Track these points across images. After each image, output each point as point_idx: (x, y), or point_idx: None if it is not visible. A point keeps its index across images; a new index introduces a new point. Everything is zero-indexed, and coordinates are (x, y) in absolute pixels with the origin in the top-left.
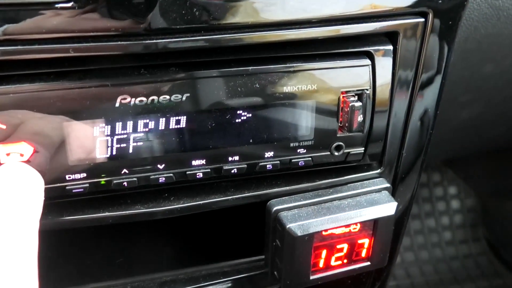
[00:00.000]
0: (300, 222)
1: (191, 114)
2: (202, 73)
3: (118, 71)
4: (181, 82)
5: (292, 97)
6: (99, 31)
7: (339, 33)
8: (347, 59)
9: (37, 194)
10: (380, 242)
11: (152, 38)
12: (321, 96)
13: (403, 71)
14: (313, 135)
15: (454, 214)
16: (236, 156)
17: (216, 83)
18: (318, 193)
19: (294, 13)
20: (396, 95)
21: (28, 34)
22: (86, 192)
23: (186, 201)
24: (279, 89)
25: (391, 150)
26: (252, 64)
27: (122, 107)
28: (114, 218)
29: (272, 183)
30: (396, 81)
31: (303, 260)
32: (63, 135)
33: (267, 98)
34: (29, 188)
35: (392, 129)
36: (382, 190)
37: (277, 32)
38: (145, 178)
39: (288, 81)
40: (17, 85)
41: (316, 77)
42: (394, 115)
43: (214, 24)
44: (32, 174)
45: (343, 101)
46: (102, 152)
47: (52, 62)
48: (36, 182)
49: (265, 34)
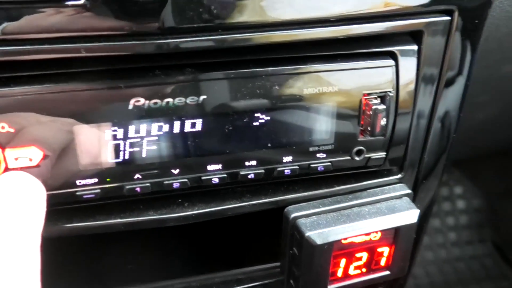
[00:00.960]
0: (319, 230)
1: (207, 117)
2: (219, 74)
3: (131, 72)
4: (197, 84)
5: (312, 100)
6: (111, 30)
7: (362, 33)
8: (370, 60)
9: (39, 205)
10: (400, 250)
11: (167, 38)
12: (342, 99)
13: (427, 72)
14: (333, 139)
15: (460, 214)
16: (254, 161)
17: (234, 85)
18: (337, 199)
19: (314, 11)
20: (419, 96)
21: (38, 33)
22: (97, 198)
23: (201, 207)
24: (298, 91)
25: (412, 154)
26: (270, 65)
27: (135, 109)
28: (126, 225)
29: (289, 188)
30: (420, 82)
31: (322, 269)
32: (73, 138)
33: (286, 100)
34: (30, 199)
35: (414, 132)
36: (403, 197)
37: (297, 31)
38: (158, 183)
39: (308, 82)
40: (26, 86)
41: (337, 79)
42: (417, 118)
43: (232, 23)
44: (34, 184)
45: (365, 103)
46: (114, 157)
47: (62, 63)
48: (38, 192)
49: (285, 34)
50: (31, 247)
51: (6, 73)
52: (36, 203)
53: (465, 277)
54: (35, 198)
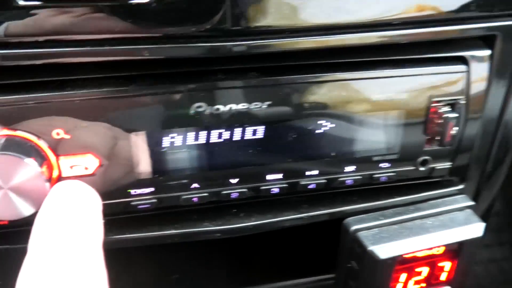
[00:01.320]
0: (382, 243)
1: (270, 124)
2: (285, 79)
3: (193, 76)
4: (262, 89)
5: (379, 107)
6: (176, 31)
7: (432, 36)
8: (441, 65)
9: (97, 217)
10: (463, 265)
11: (231, 40)
12: (410, 105)
13: (498, 78)
14: (398, 148)
15: None
16: (315, 170)
17: (299, 90)
18: (398, 211)
19: (383, 14)
20: (488, 103)
21: (98, 34)
22: (152, 208)
23: (258, 219)
24: (366, 97)
25: (476, 165)
26: (338, 70)
27: (196, 115)
28: (181, 236)
29: (347, 199)
30: (490, 88)
31: (381, 284)
32: (130, 146)
33: (352, 107)
34: (88, 210)
35: (480, 141)
36: (466, 209)
37: (366, 34)
38: (216, 193)
39: (376, 89)
40: (84, 90)
41: (406, 85)
42: (484, 127)
43: (299, 27)
44: (90, 194)
45: (434, 111)
46: (172, 165)
47: (122, 66)
48: (95, 203)
49: (356, 37)
50: (96, 262)
51: (63, 76)
52: (94, 214)
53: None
54: (93, 209)
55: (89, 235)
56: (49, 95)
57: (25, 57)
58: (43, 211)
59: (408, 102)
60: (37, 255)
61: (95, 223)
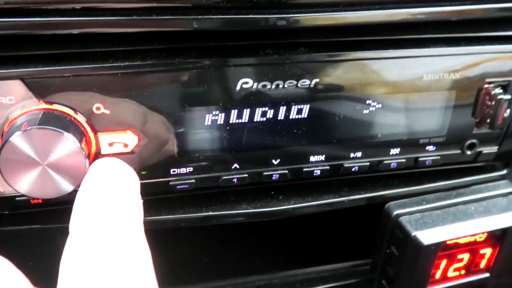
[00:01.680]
0: (426, 229)
1: (317, 103)
2: (335, 55)
3: (241, 50)
4: (311, 65)
5: (429, 87)
6: (224, 2)
7: (487, 14)
8: (495, 44)
9: (137, 196)
10: (504, 252)
11: (281, 12)
12: (462, 86)
13: None
14: (446, 130)
15: None
16: (359, 153)
17: (349, 68)
18: (440, 196)
19: None
20: None
21: (144, 3)
22: (190, 189)
23: (298, 202)
24: (416, 76)
25: None
26: (389, 47)
27: (242, 92)
28: (219, 218)
29: (389, 183)
30: None
31: (423, 271)
32: (171, 123)
33: (402, 86)
34: (128, 189)
35: None
36: (509, 194)
37: (421, 9)
38: (257, 174)
39: (428, 67)
40: (127, 62)
41: (459, 64)
42: None
43: None
44: (129, 173)
45: (486, 92)
46: (213, 144)
47: (165, 37)
48: (134, 182)
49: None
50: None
51: (104, 47)
52: (134, 193)
53: None
54: (133, 188)
55: (131, 215)
56: (88, 67)
57: (62, 26)
58: (83, 190)
59: (459, 82)
60: (80, 236)
61: (135, 202)
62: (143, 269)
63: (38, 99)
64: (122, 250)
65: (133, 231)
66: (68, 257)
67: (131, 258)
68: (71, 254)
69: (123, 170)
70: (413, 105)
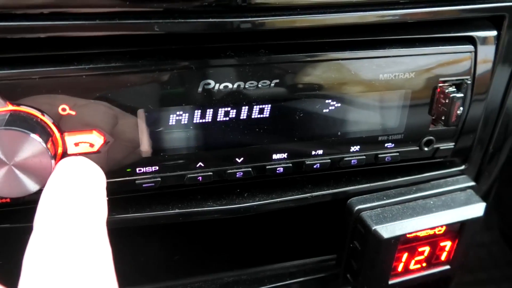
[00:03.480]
0: (386, 223)
1: (277, 103)
2: (294, 57)
3: (203, 53)
4: (270, 66)
5: (386, 86)
6: (186, 6)
7: (440, 16)
8: (449, 45)
9: (102, 194)
10: (463, 244)
11: (241, 16)
12: (417, 86)
13: (504, 59)
14: (403, 128)
15: None
16: (320, 150)
17: (308, 69)
18: (401, 191)
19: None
20: (493, 85)
21: (107, 8)
22: (156, 187)
23: (262, 198)
24: (373, 76)
25: (478, 145)
26: (346, 49)
27: (204, 93)
28: (185, 216)
29: (351, 179)
30: (496, 69)
31: (385, 264)
32: (136, 124)
33: (359, 86)
34: (92, 186)
35: (484, 121)
36: (467, 189)
37: (374, 12)
38: (221, 172)
39: (383, 68)
40: (91, 65)
41: (414, 64)
42: (488, 107)
43: (311, 3)
44: (95, 171)
45: (440, 91)
46: (178, 143)
47: (129, 40)
48: (99, 179)
49: (365, 15)
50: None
51: (69, 51)
52: (99, 191)
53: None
54: (98, 186)
55: (94, 212)
56: (55, 69)
57: (30, 30)
58: (49, 187)
59: (414, 81)
60: (43, 232)
61: (99, 200)
62: (102, 265)
63: (5, 101)
64: (82, 246)
65: (95, 228)
66: (30, 252)
67: (91, 254)
68: (34, 249)
69: (88, 168)
70: (371, 104)
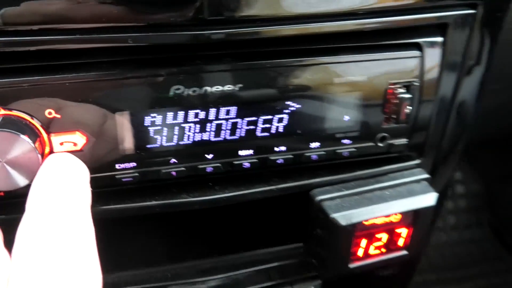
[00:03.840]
0: (343, 212)
1: (242, 105)
2: (255, 64)
3: (172, 61)
4: (234, 73)
5: (341, 89)
6: (157, 21)
7: (390, 25)
8: (397, 51)
9: (85, 183)
10: (418, 231)
11: (207, 28)
12: (369, 88)
13: (450, 63)
14: (359, 126)
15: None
16: (283, 147)
17: (269, 74)
18: (360, 183)
19: (344, 4)
20: (441, 86)
21: (87, 23)
22: (135, 181)
23: (231, 191)
24: (328, 80)
25: (431, 141)
26: (303, 56)
27: (175, 97)
28: (161, 207)
29: (314, 173)
30: (443, 73)
31: (344, 249)
32: (115, 125)
33: (316, 89)
34: (77, 177)
35: (434, 120)
36: (422, 181)
37: (330, 23)
38: (193, 167)
39: (338, 72)
40: (74, 74)
41: (365, 69)
42: (438, 106)
43: (270, 15)
44: (79, 164)
45: (391, 92)
46: (152, 142)
47: (108, 52)
48: (83, 172)
49: (317, 26)
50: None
51: (55, 61)
52: (82, 180)
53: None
54: (81, 176)
55: (79, 196)
56: (42, 78)
57: (21, 44)
58: (38, 178)
59: (368, 84)
60: (32, 214)
61: (83, 187)
62: (86, 241)
63: None
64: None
65: (80, 209)
66: (22, 228)
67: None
68: (25, 226)
69: (73, 161)
70: (328, 105)
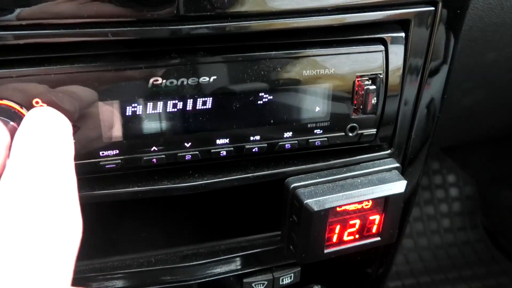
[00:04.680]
0: (316, 198)
1: (217, 96)
2: (228, 57)
3: (151, 54)
4: (208, 65)
5: (310, 81)
6: (134, 17)
7: (355, 21)
8: (362, 45)
9: (68, 134)
10: (390, 218)
11: (182, 24)
12: (337, 80)
13: (413, 57)
14: (329, 116)
15: (452, 201)
16: (257, 136)
17: (241, 67)
18: (333, 172)
19: (314, 1)
20: (406, 80)
21: (71, 19)
22: (117, 168)
23: (210, 178)
24: (298, 73)
25: (401, 132)
26: (273, 50)
27: (154, 88)
28: (143, 193)
29: (290, 162)
30: (407, 67)
31: (318, 235)
32: (98, 114)
33: (287, 81)
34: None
35: (402, 112)
36: (392, 170)
37: (296, 19)
38: (172, 155)
39: (307, 66)
40: (59, 66)
41: (333, 62)
42: (405, 99)
43: (239, 12)
44: (60, 116)
45: (358, 84)
46: (134, 130)
47: (91, 46)
48: (65, 124)
49: (285, 22)
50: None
51: (41, 54)
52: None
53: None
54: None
55: (62, 147)
56: (29, 70)
57: (11, 37)
58: (21, 129)
59: (336, 76)
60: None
61: (66, 139)
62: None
63: None
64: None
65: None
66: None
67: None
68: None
69: (55, 114)
70: (299, 96)
